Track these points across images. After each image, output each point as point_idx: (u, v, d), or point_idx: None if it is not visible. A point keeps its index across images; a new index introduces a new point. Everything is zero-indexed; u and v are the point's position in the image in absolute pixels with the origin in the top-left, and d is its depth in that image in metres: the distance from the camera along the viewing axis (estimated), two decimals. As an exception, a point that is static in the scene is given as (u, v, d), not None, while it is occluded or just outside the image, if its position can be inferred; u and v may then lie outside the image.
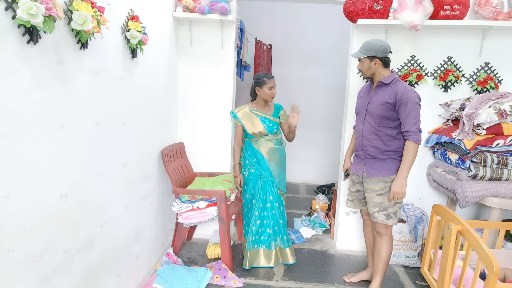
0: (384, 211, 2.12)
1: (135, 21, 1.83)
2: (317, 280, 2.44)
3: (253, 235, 2.56)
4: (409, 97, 1.95)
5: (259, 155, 2.54)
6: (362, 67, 2.12)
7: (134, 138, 2.04)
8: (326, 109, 4.75)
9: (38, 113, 1.21)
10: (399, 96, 1.98)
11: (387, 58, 2.07)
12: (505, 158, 2.26)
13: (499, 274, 1.85)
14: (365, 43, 2.08)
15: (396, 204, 2.11)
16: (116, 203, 1.84)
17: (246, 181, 2.59)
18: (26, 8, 1.04)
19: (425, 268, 2.14)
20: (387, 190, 2.09)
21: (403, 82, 2.06)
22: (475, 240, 1.63)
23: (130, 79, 1.93)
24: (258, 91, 2.49)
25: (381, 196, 2.11)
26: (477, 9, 2.48)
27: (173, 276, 2.18)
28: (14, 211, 1.13)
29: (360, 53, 2.09)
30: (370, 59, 2.07)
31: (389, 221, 2.11)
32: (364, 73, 2.14)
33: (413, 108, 1.95)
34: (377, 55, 2.04)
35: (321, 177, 4.88)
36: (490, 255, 1.49)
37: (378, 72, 2.09)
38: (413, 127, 1.95)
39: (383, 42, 2.05)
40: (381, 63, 2.06)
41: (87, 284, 1.58)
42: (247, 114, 2.52)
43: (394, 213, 2.12)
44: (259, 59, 4.11)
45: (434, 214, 2.10)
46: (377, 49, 2.03)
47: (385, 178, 2.08)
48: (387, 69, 2.10)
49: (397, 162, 2.07)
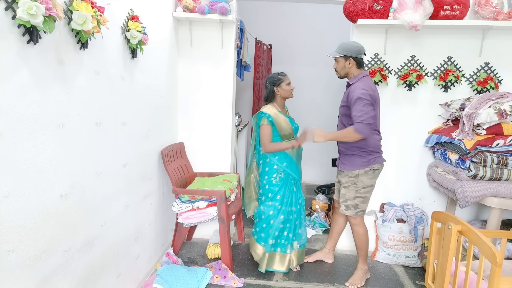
0: (344, 202, 2.34)
1: (135, 21, 1.83)
2: (317, 280, 2.44)
3: (274, 238, 2.47)
4: (355, 93, 2.08)
5: (289, 158, 2.47)
6: (337, 66, 2.26)
7: (134, 138, 2.04)
8: (325, 109, 4.74)
9: (38, 113, 1.21)
10: (350, 95, 2.13)
11: (361, 59, 2.21)
12: (505, 158, 2.26)
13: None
14: (341, 43, 2.21)
15: (356, 198, 2.28)
16: (116, 203, 1.84)
17: (273, 188, 2.47)
18: (26, 8, 1.04)
19: (429, 280, 2.03)
20: (349, 184, 2.30)
21: (364, 80, 2.17)
22: (476, 236, 1.62)
23: (130, 79, 1.93)
24: (277, 90, 2.44)
25: (345, 188, 2.33)
26: (477, 9, 2.48)
27: (173, 276, 2.18)
28: (14, 211, 1.13)
29: (336, 53, 2.22)
30: (345, 58, 2.20)
31: (347, 212, 2.33)
32: (338, 72, 2.29)
33: (356, 102, 2.07)
34: (351, 55, 2.17)
35: (321, 177, 4.88)
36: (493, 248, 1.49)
37: (351, 72, 2.23)
38: (357, 119, 2.08)
39: (358, 44, 2.19)
40: (355, 63, 2.19)
41: (87, 284, 1.58)
42: (277, 115, 2.44)
43: (353, 206, 2.31)
44: (259, 59, 4.11)
45: (434, 222, 1.98)
46: (351, 49, 2.16)
47: (349, 172, 2.29)
48: (360, 70, 2.23)
49: (361, 158, 2.24)
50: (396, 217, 2.67)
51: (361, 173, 2.25)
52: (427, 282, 2.09)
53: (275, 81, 2.44)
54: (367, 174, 2.25)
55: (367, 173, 2.25)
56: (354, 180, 2.27)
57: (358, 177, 2.26)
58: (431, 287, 2.03)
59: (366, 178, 2.26)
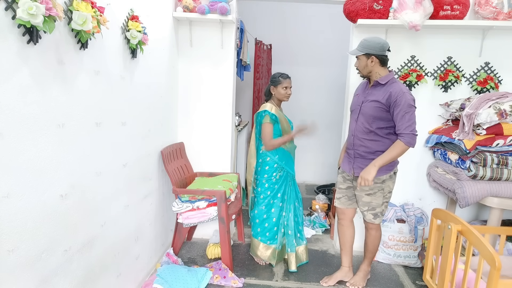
0: (372, 211, 2.17)
1: (135, 21, 1.83)
2: (317, 280, 2.44)
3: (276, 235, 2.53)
4: (404, 99, 1.92)
5: (287, 155, 2.51)
6: (359, 65, 2.09)
7: (134, 138, 2.03)
8: (325, 109, 4.75)
9: (38, 113, 1.21)
10: (393, 98, 1.95)
11: (385, 57, 2.04)
12: (505, 158, 2.26)
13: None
14: (363, 40, 2.05)
15: (384, 204, 2.17)
16: (116, 203, 1.84)
17: (273, 186, 2.50)
18: (26, 8, 1.04)
19: (427, 275, 2.06)
20: (376, 190, 2.12)
21: (399, 83, 2.04)
22: (476, 238, 1.62)
23: (130, 79, 1.93)
24: (273, 90, 2.47)
25: (369, 196, 2.15)
26: (477, 9, 2.48)
27: (173, 276, 2.18)
28: (14, 211, 1.13)
29: (357, 50, 2.06)
30: (367, 56, 2.03)
31: (376, 220, 2.20)
32: (361, 71, 2.12)
33: (407, 110, 1.92)
34: (374, 52, 2.00)
35: (321, 177, 4.88)
36: (492, 251, 1.48)
37: (375, 70, 2.06)
38: (407, 130, 1.93)
39: (381, 40, 2.01)
40: (378, 61, 2.03)
41: (87, 284, 1.58)
42: (279, 113, 2.48)
43: (381, 212, 2.18)
44: (259, 59, 4.11)
45: (434, 219, 2.03)
46: (374, 47, 2.00)
47: (374, 179, 2.07)
48: (385, 68, 2.07)
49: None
50: (396, 217, 2.67)
51: (387, 178, 2.13)
52: (425, 277, 2.10)
53: (274, 81, 2.46)
54: (392, 178, 2.16)
55: (392, 178, 2.16)
56: (382, 186, 2.13)
57: (385, 182, 2.13)
58: (429, 282, 2.05)
59: (391, 182, 2.17)
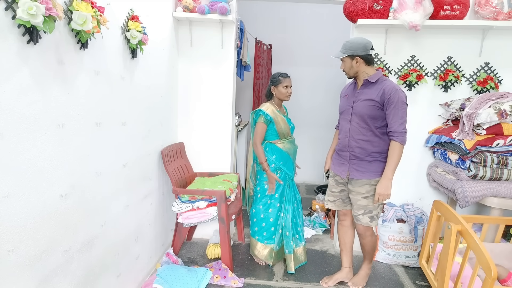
0: (369, 214, 2.13)
1: (135, 21, 1.83)
2: (317, 280, 2.44)
3: (274, 235, 2.52)
4: (397, 96, 1.92)
5: (286, 156, 2.50)
6: (345, 66, 2.08)
7: (134, 138, 2.03)
8: (325, 109, 4.75)
9: (38, 113, 1.21)
10: (387, 95, 1.94)
11: (369, 56, 2.03)
12: (505, 158, 2.26)
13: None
14: (345, 42, 2.04)
15: (379, 206, 2.14)
16: (116, 203, 1.84)
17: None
18: (26, 8, 1.04)
19: (423, 260, 2.17)
20: (373, 192, 2.09)
21: (390, 80, 2.04)
22: (474, 242, 1.63)
23: (130, 79, 1.93)
24: (274, 90, 2.47)
25: (366, 199, 2.11)
26: (477, 9, 2.48)
27: (173, 276, 2.18)
28: (14, 211, 1.13)
29: (340, 53, 2.05)
30: (351, 58, 2.02)
31: (372, 223, 2.15)
32: (347, 73, 2.10)
33: (400, 108, 1.92)
34: (357, 53, 1.99)
35: (321, 177, 4.88)
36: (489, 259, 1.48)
37: (361, 70, 2.05)
38: (399, 128, 1.93)
39: (363, 40, 2.00)
40: (363, 61, 2.02)
41: (87, 284, 1.58)
42: (275, 113, 2.46)
43: (377, 215, 2.16)
44: (259, 59, 4.11)
45: (434, 210, 2.13)
46: (357, 47, 1.99)
47: (371, 180, 2.07)
48: (371, 67, 2.06)
49: (383, 164, 2.05)
50: (396, 217, 2.67)
51: None
52: (421, 262, 2.18)
53: (274, 80, 2.46)
54: None
55: None
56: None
57: None
58: (424, 267, 2.11)
59: None
